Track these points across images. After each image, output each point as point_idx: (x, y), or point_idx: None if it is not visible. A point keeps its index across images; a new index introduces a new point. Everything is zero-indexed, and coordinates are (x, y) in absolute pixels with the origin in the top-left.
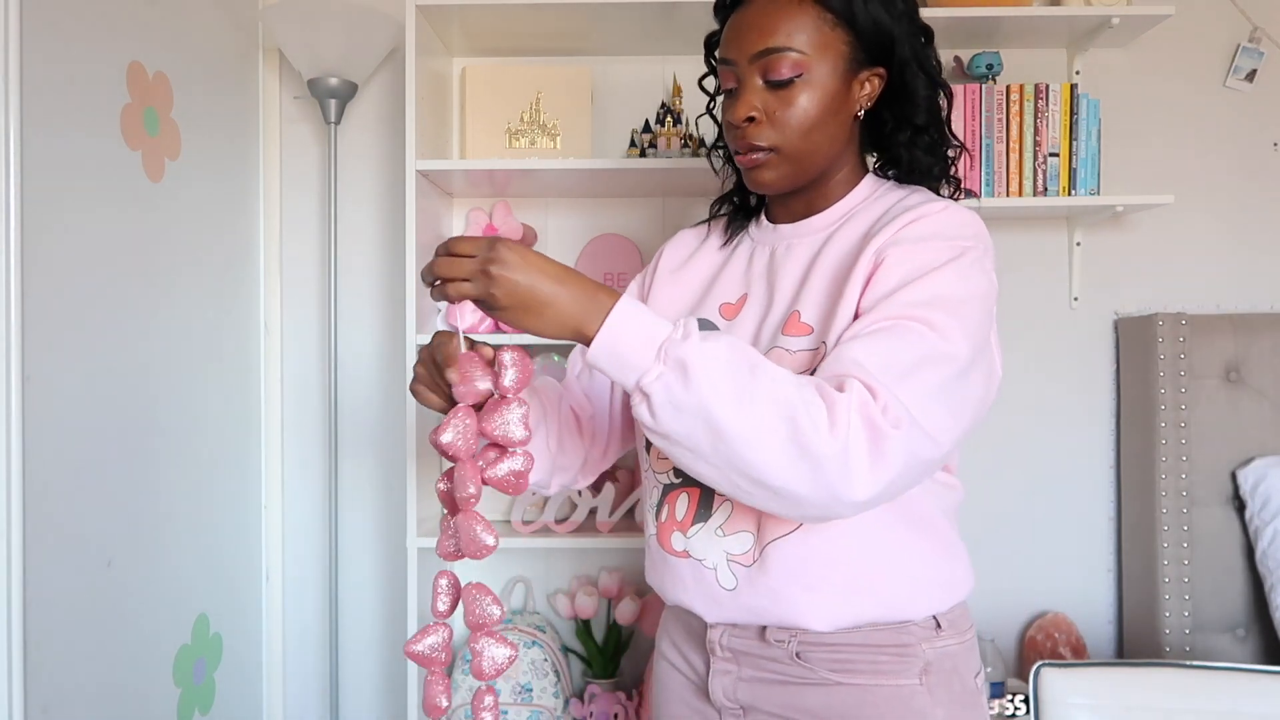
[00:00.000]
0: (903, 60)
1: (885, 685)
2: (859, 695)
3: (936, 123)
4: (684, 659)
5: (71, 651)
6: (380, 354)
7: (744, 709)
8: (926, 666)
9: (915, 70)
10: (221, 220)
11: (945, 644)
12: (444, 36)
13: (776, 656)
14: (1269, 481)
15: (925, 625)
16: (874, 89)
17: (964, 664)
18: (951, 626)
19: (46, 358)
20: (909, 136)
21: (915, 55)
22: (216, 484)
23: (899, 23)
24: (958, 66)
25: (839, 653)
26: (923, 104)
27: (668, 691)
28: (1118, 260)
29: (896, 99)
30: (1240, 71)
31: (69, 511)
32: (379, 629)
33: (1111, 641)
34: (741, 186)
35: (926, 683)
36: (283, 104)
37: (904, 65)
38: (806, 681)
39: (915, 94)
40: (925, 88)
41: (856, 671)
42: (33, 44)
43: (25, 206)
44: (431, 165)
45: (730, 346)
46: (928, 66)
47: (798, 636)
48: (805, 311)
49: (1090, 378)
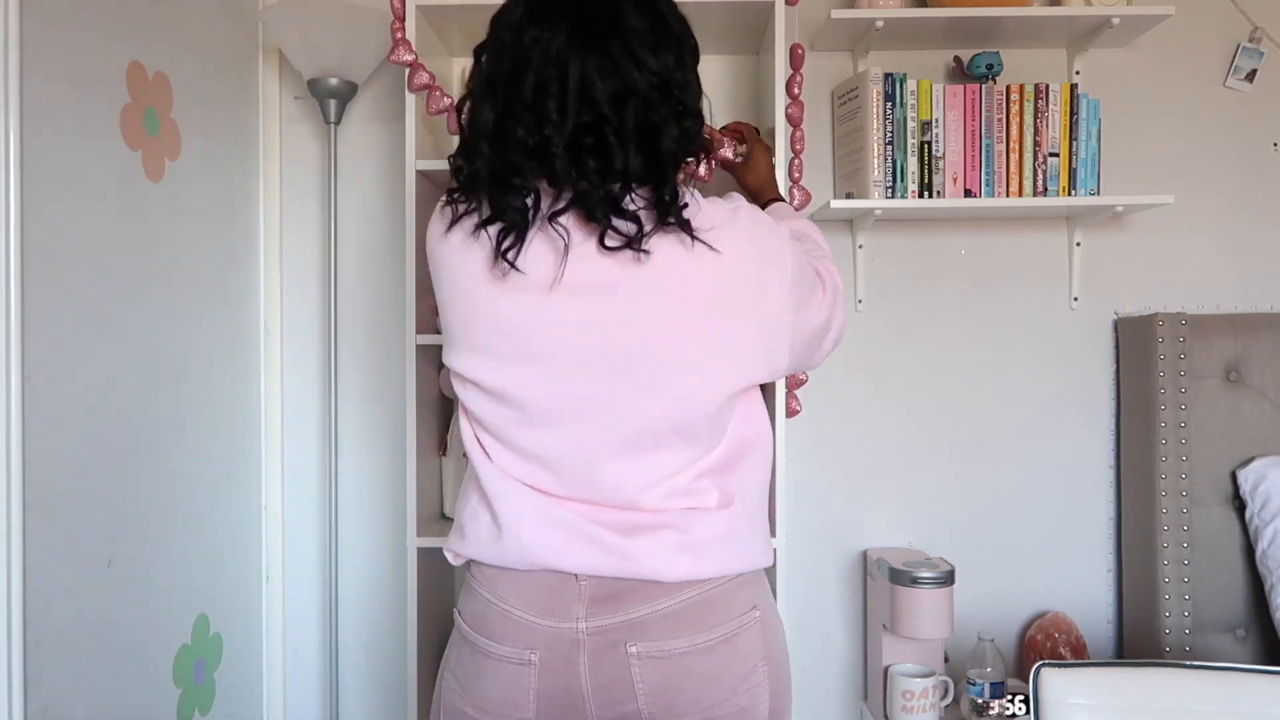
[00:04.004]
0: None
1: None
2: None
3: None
4: None
5: (71, 651)
6: (380, 354)
7: None
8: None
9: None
10: (221, 220)
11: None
12: (444, 36)
13: None
14: (1269, 481)
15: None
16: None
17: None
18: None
19: (46, 358)
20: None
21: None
22: (216, 484)
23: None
24: (958, 66)
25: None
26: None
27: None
28: (1118, 260)
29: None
30: (1240, 71)
31: (69, 511)
32: (379, 629)
33: (1111, 641)
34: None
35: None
36: (283, 104)
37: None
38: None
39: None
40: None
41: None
42: (33, 44)
43: (25, 206)
44: (431, 165)
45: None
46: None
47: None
48: None
49: (1090, 378)
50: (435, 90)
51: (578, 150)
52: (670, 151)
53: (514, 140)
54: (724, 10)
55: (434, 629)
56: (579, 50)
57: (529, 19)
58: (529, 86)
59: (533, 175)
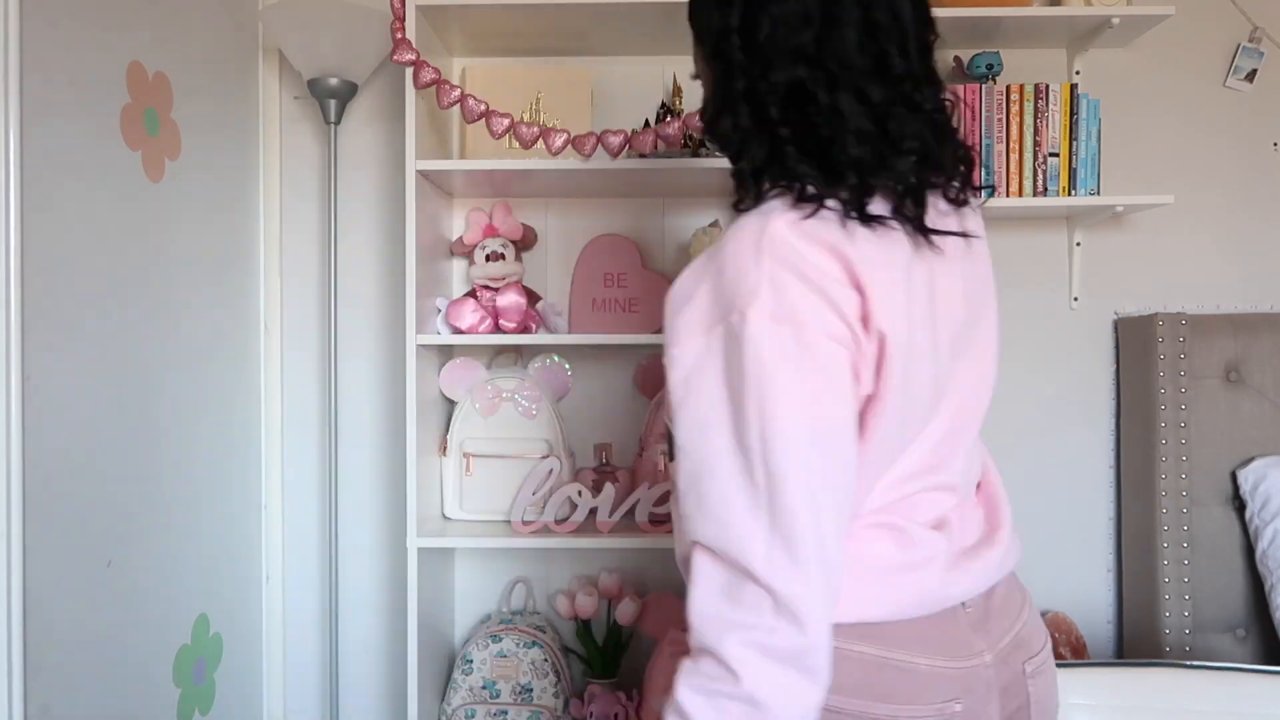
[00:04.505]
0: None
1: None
2: None
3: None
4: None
5: (71, 651)
6: (380, 353)
7: None
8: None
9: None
10: (221, 220)
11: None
12: (444, 36)
13: None
14: (1269, 481)
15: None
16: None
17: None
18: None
19: (46, 358)
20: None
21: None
22: (216, 484)
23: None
24: (958, 66)
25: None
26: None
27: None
28: (1118, 260)
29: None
30: (1240, 71)
31: (69, 511)
32: (379, 629)
33: (1111, 641)
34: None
35: None
36: (283, 104)
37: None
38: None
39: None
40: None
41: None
42: (33, 44)
43: (25, 207)
44: (431, 165)
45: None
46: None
47: None
48: None
49: (1090, 378)
50: (444, 84)
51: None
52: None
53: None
54: None
55: (434, 629)
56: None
57: None
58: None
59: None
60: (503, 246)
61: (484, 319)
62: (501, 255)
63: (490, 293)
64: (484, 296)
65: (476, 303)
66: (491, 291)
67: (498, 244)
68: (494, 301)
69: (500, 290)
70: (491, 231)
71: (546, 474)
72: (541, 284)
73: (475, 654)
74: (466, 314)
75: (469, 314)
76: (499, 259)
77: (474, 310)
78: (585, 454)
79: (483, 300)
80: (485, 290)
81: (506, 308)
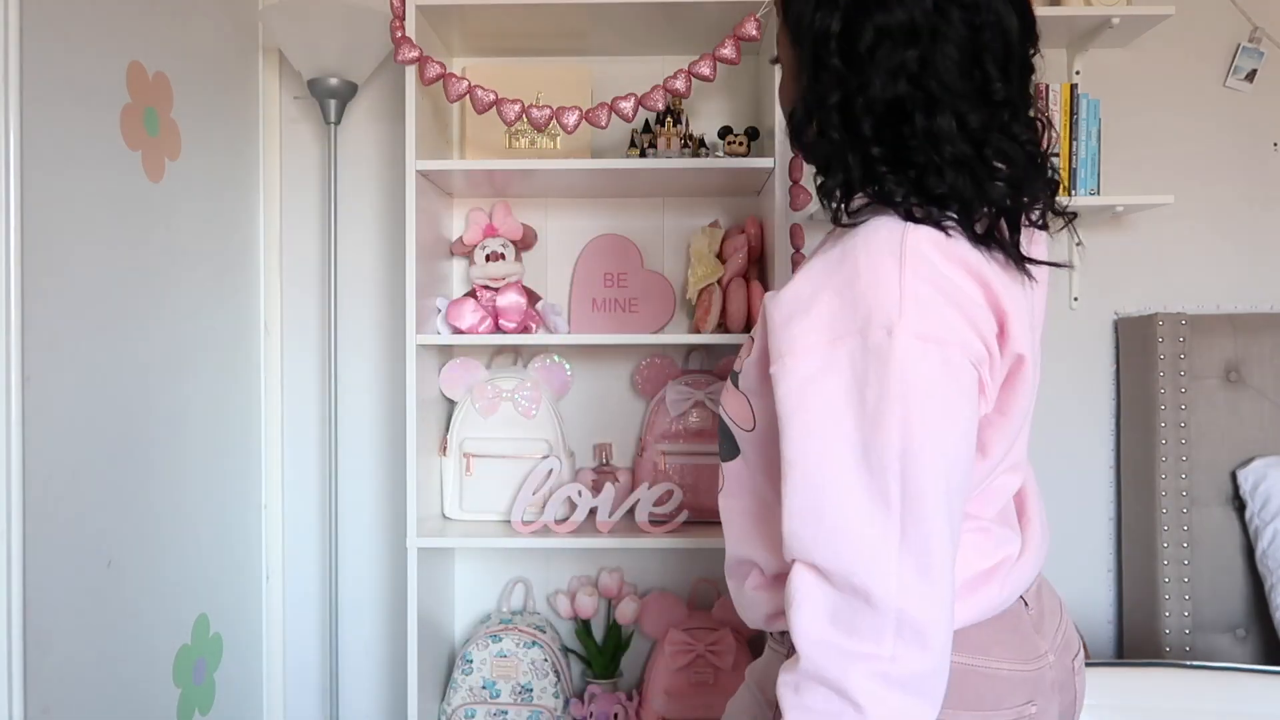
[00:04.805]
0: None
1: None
2: None
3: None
4: None
5: (71, 651)
6: (380, 353)
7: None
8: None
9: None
10: (221, 220)
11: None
12: (444, 36)
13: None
14: (1269, 481)
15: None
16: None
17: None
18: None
19: (46, 358)
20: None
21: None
22: (216, 484)
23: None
24: None
25: None
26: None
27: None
28: (1118, 260)
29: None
30: (1240, 71)
31: (69, 511)
32: (379, 629)
33: (1111, 641)
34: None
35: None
36: (283, 104)
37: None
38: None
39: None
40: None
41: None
42: (33, 44)
43: (25, 207)
44: (431, 165)
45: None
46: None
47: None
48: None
49: (1090, 378)
50: (451, 77)
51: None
52: None
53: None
54: (723, 10)
55: (434, 629)
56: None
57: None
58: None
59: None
60: (503, 246)
61: (484, 319)
62: (501, 255)
63: (490, 293)
64: (484, 296)
65: (476, 303)
66: (491, 291)
67: (498, 244)
68: (494, 301)
69: (500, 290)
70: (491, 231)
71: (546, 474)
72: (541, 284)
73: (475, 654)
74: (466, 314)
75: (469, 314)
76: (499, 259)
77: (474, 310)
78: (585, 454)
79: (483, 300)
80: (485, 290)
81: (506, 308)
